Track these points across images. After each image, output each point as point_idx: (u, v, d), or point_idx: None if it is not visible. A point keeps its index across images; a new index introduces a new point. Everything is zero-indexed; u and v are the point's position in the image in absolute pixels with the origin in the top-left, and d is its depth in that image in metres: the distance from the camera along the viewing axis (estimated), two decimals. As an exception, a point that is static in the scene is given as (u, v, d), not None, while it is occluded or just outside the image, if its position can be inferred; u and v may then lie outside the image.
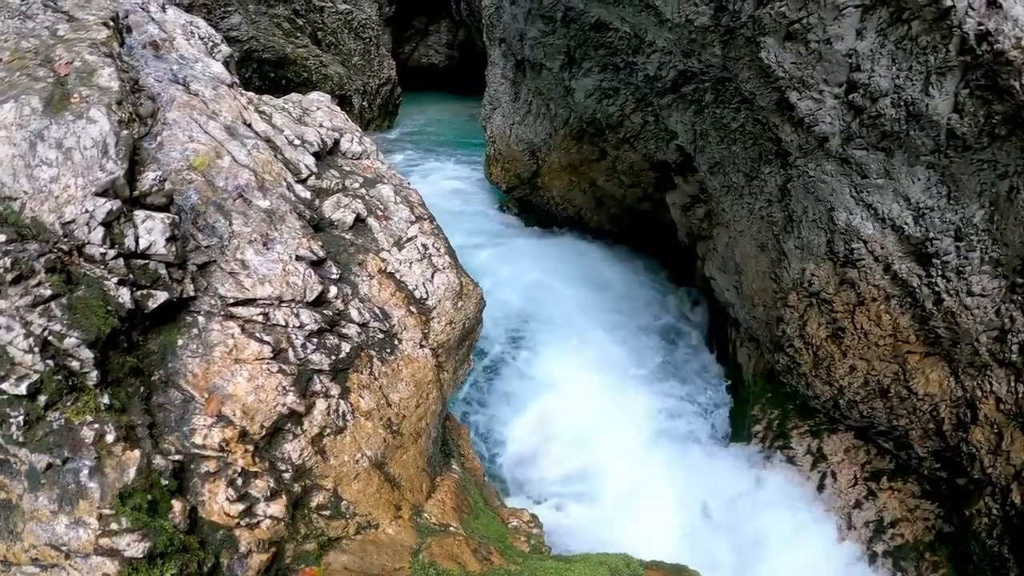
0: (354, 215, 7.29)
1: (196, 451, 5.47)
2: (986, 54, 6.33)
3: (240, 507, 5.49)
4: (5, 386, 4.57)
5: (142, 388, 5.39)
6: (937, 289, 7.50)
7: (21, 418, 4.61)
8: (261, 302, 6.17)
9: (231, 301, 6.05)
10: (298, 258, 6.48)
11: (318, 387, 6.24)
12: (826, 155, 7.97)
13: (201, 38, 7.76)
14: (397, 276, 7.26)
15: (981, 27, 6.30)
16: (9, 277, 4.71)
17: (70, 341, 4.82)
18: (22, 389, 4.61)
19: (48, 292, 4.83)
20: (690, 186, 12.36)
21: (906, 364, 8.07)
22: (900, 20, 6.80)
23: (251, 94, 7.78)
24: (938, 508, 8.33)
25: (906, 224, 7.61)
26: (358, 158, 8.10)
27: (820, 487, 8.98)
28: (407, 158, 22.93)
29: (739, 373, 11.53)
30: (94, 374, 4.92)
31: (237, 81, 7.69)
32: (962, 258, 7.26)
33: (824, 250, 8.48)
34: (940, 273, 7.44)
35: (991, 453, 7.33)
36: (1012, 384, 7.14)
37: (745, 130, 9.28)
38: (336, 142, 8.00)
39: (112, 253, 5.23)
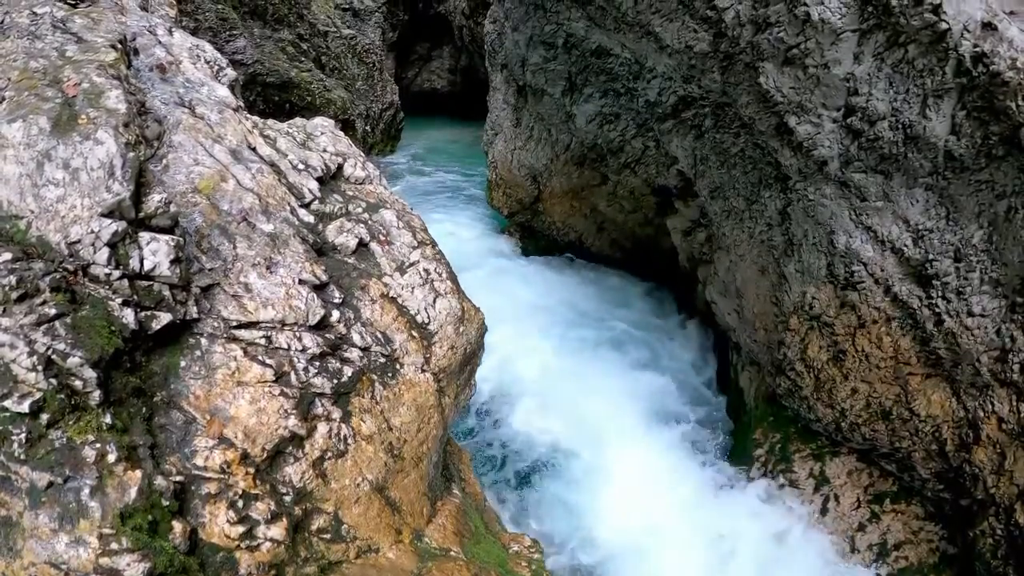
0: (357, 240, 7.31)
1: (197, 472, 5.45)
2: (982, 75, 6.40)
3: (240, 529, 5.47)
4: (8, 404, 4.57)
5: (144, 409, 5.38)
6: (937, 310, 7.51)
7: (23, 436, 4.61)
8: (264, 325, 6.18)
9: (234, 324, 6.06)
10: (301, 282, 6.50)
11: (320, 410, 6.23)
12: (825, 178, 8.01)
13: (207, 61, 7.83)
14: (399, 301, 7.27)
15: (977, 49, 6.37)
16: (14, 295, 4.74)
17: (73, 360, 4.83)
18: (24, 407, 4.61)
19: (52, 311, 4.85)
20: (691, 211, 12.41)
21: (907, 386, 8.06)
22: (897, 44, 6.88)
23: (256, 118, 7.83)
24: (942, 529, 8.27)
25: (905, 246, 7.63)
26: (361, 183, 8.14)
27: (823, 510, 8.92)
28: (409, 182, 23.05)
29: (740, 397, 11.49)
30: (97, 394, 4.93)
31: (242, 105, 7.74)
32: (962, 279, 7.27)
33: (824, 273, 8.50)
34: (940, 294, 7.45)
35: (994, 473, 7.29)
36: (1014, 403, 7.12)
37: (745, 154, 9.34)
38: (339, 167, 8.04)
39: (117, 274, 5.26)
